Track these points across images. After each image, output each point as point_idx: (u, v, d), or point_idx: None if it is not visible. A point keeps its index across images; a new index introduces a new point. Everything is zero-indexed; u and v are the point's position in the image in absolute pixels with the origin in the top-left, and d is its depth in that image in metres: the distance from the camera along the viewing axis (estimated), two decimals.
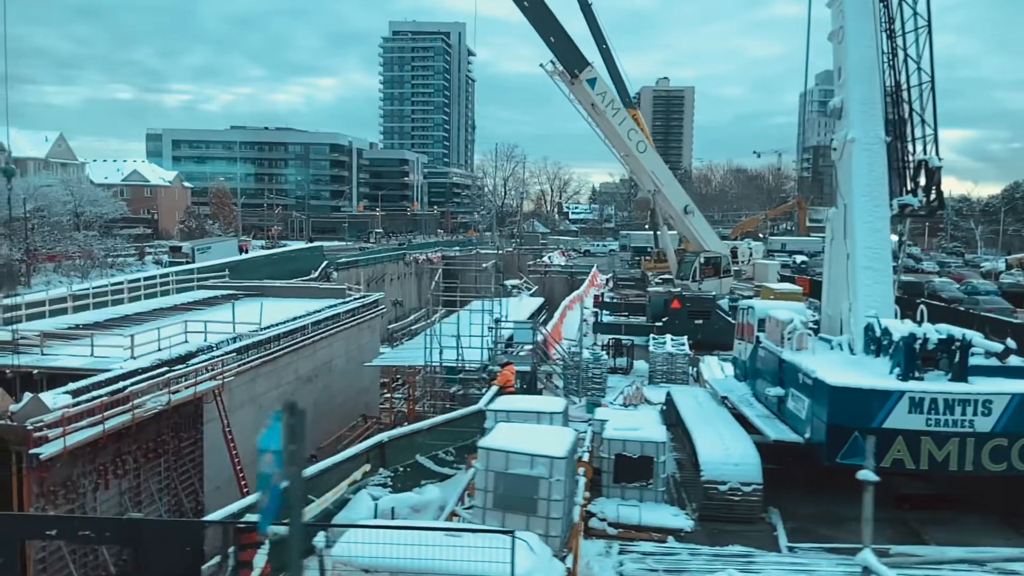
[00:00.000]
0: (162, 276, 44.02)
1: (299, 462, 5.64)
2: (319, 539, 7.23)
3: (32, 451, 19.85)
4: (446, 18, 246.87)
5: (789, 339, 14.71)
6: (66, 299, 36.73)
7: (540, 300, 47.93)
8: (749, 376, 16.51)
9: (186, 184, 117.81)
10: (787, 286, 37.20)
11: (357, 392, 44.86)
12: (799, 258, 73.51)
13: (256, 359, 31.16)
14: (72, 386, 22.92)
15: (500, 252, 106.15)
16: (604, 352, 23.17)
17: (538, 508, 9.24)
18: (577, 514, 9.67)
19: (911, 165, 15.66)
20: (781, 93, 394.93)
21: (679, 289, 32.06)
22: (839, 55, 15.68)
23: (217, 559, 7.49)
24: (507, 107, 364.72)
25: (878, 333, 14.08)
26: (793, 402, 14.30)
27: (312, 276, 67.90)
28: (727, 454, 13.60)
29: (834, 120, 15.72)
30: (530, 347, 23.25)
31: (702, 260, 33.45)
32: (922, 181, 15.55)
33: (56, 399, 21.04)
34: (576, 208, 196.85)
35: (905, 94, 15.50)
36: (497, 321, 22.04)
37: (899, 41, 15.22)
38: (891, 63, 15.28)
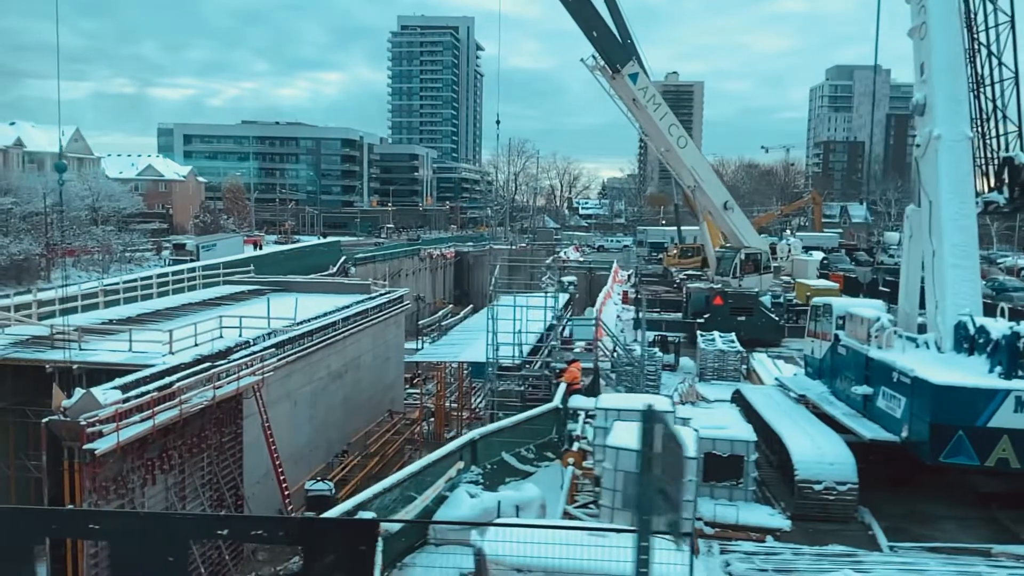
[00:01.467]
0: (188, 271, 43.94)
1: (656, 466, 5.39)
2: (475, 537, 7.10)
3: (86, 447, 19.79)
4: (454, 12, 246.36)
5: (876, 337, 14.56)
6: (97, 293, 36.67)
7: (564, 296, 47.75)
8: (824, 374, 16.36)
9: (200, 179, 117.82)
10: (824, 282, 37.02)
11: (384, 388, 44.85)
12: (816, 254, 73.09)
13: (292, 354, 31.10)
14: (119, 381, 22.86)
15: (512, 247, 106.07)
16: (656, 349, 23.00)
17: None
18: None
19: (994, 161, 15.45)
20: (788, 88, 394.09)
21: (719, 285, 31.91)
22: (920, 51, 15.42)
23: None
24: (512, 101, 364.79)
25: (972, 331, 13.91)
26: (885, 401, 14.15)
27: (331, 272, 67.93)
28: (821, 453, 13.46)
29: (915, 117, 15.53)
30: (589, 344, 23.08)
31: (742, 256, 33.24)
32: (1006, 178, 15.34)
33: (106, 395, 20.96)
34: (586, 203, 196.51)
35: (987, 90, 15.27)
36: (559, 317, 21.80)
37: (981, 36, 15.00)
38: (972, 59, 15.07)
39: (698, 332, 24.53)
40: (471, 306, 51.22)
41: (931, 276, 14.87)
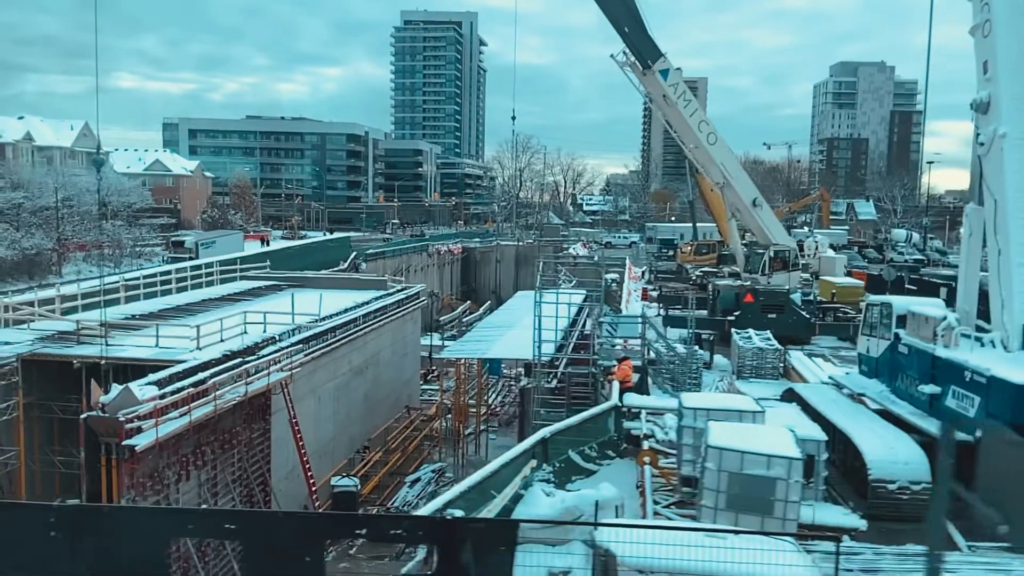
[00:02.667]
0: (206, 267, 43.83)
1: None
2: (600, 539, 6.99)
3: (125, 442, 19.72)
4: (457, 8, 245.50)
5: (943, 336, 14.47)
6: (119, 288, 36.57)
7: (582, 292, 47.63)
8: (882, 373, 16.25)
9: (207, 174, 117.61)
10: (849, 280, 36.91)
11: (401, 384, 44.82)
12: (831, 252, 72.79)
13: (318, 350, 31.03)
14: (153, 377, 22.76)
15: (520, 244, 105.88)
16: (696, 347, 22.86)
17: (774, 509, 9.09)
18: None
19: None
20: (789, 84, 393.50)
21: (748, 283, 31.83)
22: (983, 49, 15.29)
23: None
24: (512, 97, 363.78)
25: None
26: (955, 400, 14.06)
27: (342, 268, 67.87)
28: (894, 453, 13.37)
29: (977, 115, 15.37)
30: (637, 340, 22.97)
31: (771, 254, 33.12)
32: None
33: (142, 391, 20.88)
34: (590, 200, 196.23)
35: None
36: (605, 315, 21.65)
37: None
38: None
39: (732, 330, 24.40)
40: (488, 303, 51.03)
41: (996, 275, 14.76)
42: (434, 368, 54.24)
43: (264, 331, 30.81)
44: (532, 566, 8.30)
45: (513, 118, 70.11)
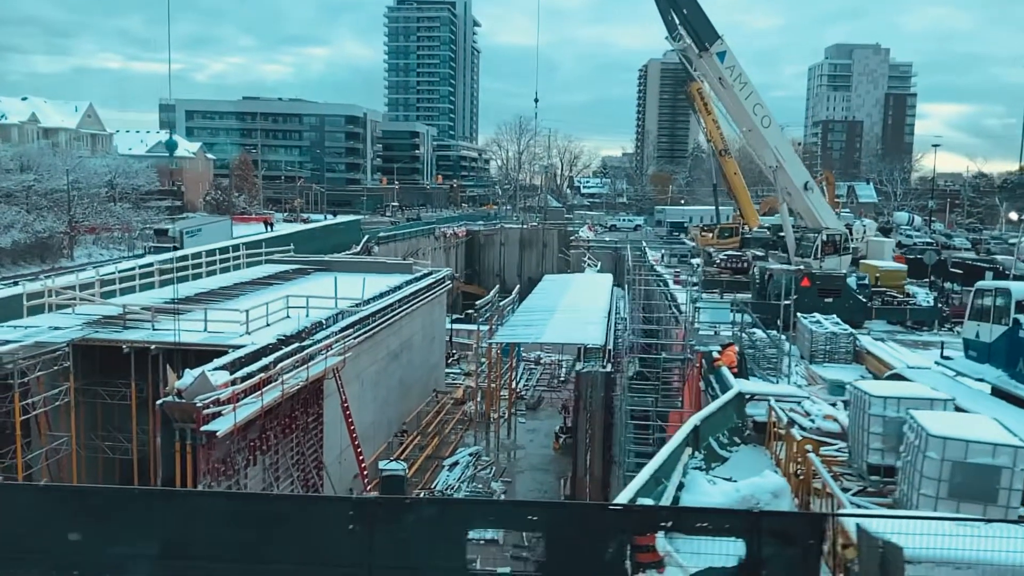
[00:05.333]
0: (234, 249, 43.63)
1: None
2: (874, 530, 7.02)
3: (205, 428, 19.72)
4: None
5: None
6: (154, 272, 36.42)
7: (608, 276, 47.79)
8: (996, 358, 16.24)
9: (209, 156, 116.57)
10: (893, 264, 37.12)
11: (430, 368, 44.95)
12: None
13: (363, 334, 31.05)
14: (218, 362, 22.74)
15: (524, 226, 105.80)
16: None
17: (999, 498, 9.26)
18: None
19: None
20: (780, 66, 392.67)
21: (801, 267, 31.95)
22: None
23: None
24: (503, 78, 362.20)
25: None
26: None
27: (355, 251, 67.68)
28: None
29: None
30: (729, 326, 22.99)
31: (824, 237, 33.19)
32: None
33: (215, 376, 20.86)
34: (587, 182, 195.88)
35: None
36: (695, 300, 21.66)
37: None
38: None
39: (798, 314, 24.50)
40: (496, 287, 51.03)
41: None
42: (453, 352, 54.39)
43: (307, 315, 30.79)
44: (711, 553, 8.31)
45: (536, 100, 69.86)
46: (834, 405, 14.67)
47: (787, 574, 6.84)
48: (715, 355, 17.83)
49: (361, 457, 28.48)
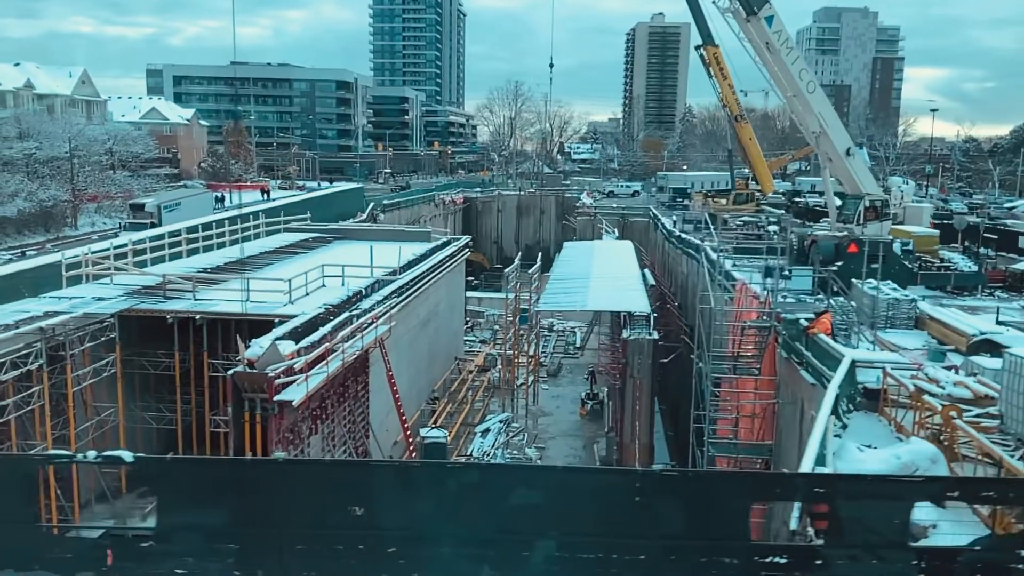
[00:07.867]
0: (254, 217, 43.38)
1: None
2: None
3: (278, 397, 19.90)
4: None
5: None
6: (181, 242, 36.27)
7: (629, 243, 47.96)
8: None
9: (202, 123, 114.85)
10: (925, 229, 37.61)
11: (452, 335, 45.15)
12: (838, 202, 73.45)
13: (401, 302, 31.17)
14: (278, 331, 22.84)
15: (522, 193, 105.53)
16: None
17: None
18: None
19: None
20: None
21: (845, 233, 32.32)
22: None
23: None
24: (480, 42, 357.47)
25: None
26: None
27: (360, 218, 67.34)
28: None
29: None
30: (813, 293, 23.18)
31: (867, 203, 33.45)
32: None
33: (283, 346, 20.98)
34: (578, 148, 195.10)
35: None
36: (780, 268, 21.76)
37: None
38: None
39: (853, 280, 24.86)
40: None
41: None
42: (468, 320, 54.60)
43: (343, 284, 30.87)
44: None
45: (551, 65, 69.25)
46: (954, 371, 14.92)
47: None
48: (804, 323, 18.11)
49: (406, 424, 28.81)
